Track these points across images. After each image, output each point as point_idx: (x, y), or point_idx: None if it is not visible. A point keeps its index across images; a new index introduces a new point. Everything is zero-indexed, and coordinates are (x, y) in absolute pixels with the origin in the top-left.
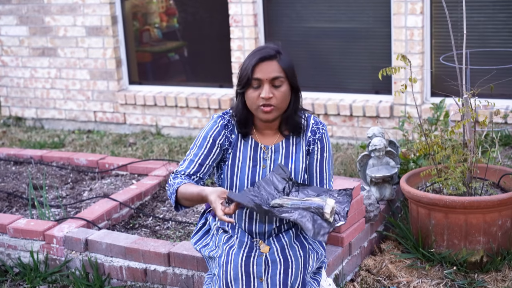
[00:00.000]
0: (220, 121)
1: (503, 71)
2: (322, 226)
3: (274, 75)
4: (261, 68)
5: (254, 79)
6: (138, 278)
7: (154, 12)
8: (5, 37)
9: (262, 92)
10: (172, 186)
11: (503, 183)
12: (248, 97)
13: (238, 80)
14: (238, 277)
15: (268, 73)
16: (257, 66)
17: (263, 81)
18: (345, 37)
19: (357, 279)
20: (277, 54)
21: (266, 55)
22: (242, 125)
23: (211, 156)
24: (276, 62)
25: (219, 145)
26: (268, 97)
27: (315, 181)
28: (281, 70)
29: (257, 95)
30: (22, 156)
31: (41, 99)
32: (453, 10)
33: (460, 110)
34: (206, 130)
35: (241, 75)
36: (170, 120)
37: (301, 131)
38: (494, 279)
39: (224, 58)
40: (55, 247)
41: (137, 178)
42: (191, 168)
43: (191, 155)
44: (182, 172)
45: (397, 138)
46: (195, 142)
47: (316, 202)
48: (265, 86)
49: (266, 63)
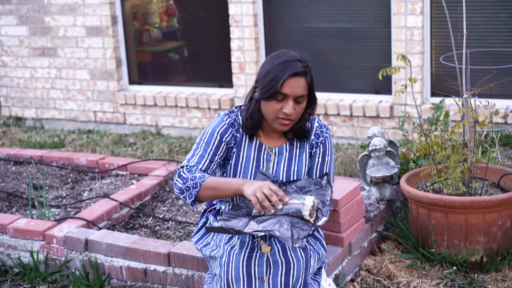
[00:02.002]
0: (227, 119)
1: (503, 71)
2: (302, 229)
3: (301, 92)
4: (290, 83)
5: (281, 93)
6: (138, 278)
7: (154, 12)
8: (5, 37)
9: (285, 107)
10: (192, 180)
11: (503, 183)
12: (269, 107)
13: (262, 87)
14: (240, 278)
15: (296, 90)
16: (287, 81)
17: (289, 97)
18: (345, 37)
19: (357, 279)
20: (306, 70)
21: (298, 71)
22: (251, 127)
23: (218, 153)
24: (304, 79)
25: (225, 143)
26: (291, 113)
27: None
28: (307, 87)
29: (279, 108)
30: (22, 156)
31: (41, 99)
32: (453, 10)
33: (460, 110)
34: (213, 126)
35: (266, 83)
36: (170, 120)
37: (306, 136)
38: (494, 279)
39: (224, 58)
40: (55, 247)
41: (137, 178)
42: (203, 164)
43: (200, 150)
44: (195, 167)
45: (397, 138)
46: (202, 137)
47: (294, 206)
48: (289, 102)
49: (295, 79)
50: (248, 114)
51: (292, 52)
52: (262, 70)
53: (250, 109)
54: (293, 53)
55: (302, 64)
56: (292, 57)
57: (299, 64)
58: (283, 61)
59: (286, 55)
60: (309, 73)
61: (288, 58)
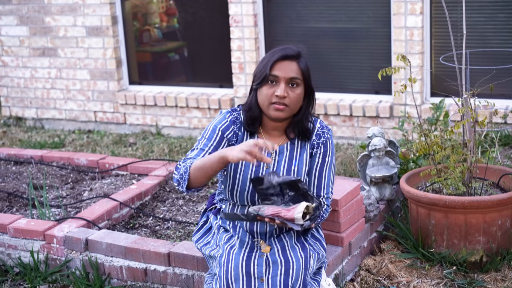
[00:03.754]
0: (229, 116)
1: (503, 71)
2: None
3: (292, 75)
4: (280, 66)
5: (272, 75)
6: (138, 278)
7: (154, 12)
8: (5, 37)
9: (277, 90)
10: (183, 167)
11: (502, 183)
12: (262, 93)
13: (255, 75)
14: (239, 277)
15: (287, 72)
16: (276, 63)
17: (280, 79)
18: (345, 37)
19: (357, 279)
20: (299, 56)
21: (288, 54)
22: (252, 122)
23: (219, 148)
24: (296, 63)
25: (227, 139)
26: (283, 95)
27: (313, 185)
28: (300, 72)
29: (271, 92)
30: (22, 156)
31: (41, 99)
32: (453, 10)
33: (460, 110)
34: (214, 123)
35: (259, 70)
36: (170, 120)
37: (308, 136)
38: (494, 279)
39: (224, 58)
40: (55, 247)
41: (137, 178)
42: (201, 156)
43: (200, 144)
44: (192, 159)
45: (397, 138)
46: (204, 134)
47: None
48: (281, 84)
49: (286, 62)
50: (247, 106)
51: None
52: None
53: (248, 101)
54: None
55: (295, 50)
56: (286, 46)
57: (290, 49)
58: (276, 49)
59: (282, 46)
60: (302, 59)
61: (282, 46)
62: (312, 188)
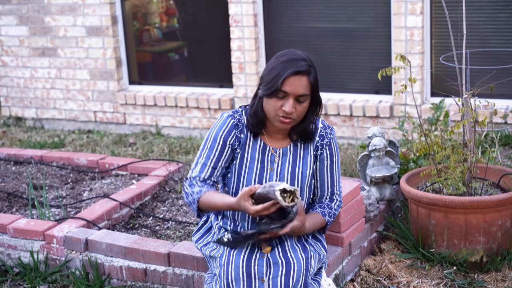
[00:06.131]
0: (230, 120)
1: (503, 71)
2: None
3: (302, 92)
4: (291, 82)
5: (282, 91)
6: (138, 278)
7: (154, 12)
8: (5, 37)
9: (285, 105)
10: (191, 196)
11: (503, 183)
12: (269, 104)
13: (265, 84)
14: (239, 278)
15: (297, 89)
16: (288, 78)
17: (290, 95)
18: (345, 37)
19: (357, 279)
20: (310, 69)
21: (300, 70)
22: (256, 125)
23: (223, 157)
24: (306, 78)
25: (229, 146)
26: (291, 112)
27: (326, 185)
28: (309, 87)
29: (279, 106)
30: (22, 156)
31: (41, 99)
32: (453, 10)
33: (460, 110)
34: (215, 130)
35: (269, 80)
36: (170, 120)
37: (311, 138)
38: (494, 279)
39: (224, 58)
40: (55, 247)
41: (137, 178)
42: (205, 172)
43: (202, 158)
44: (197, 178)
45: (397, 138)
46: (206, 143)
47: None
48: (289, 100)
49: (297, 78)
50: (252, 111)
51: (299, 51)
52: (267, 67)
53: (254, 106)
54: (299, 52)
55: (306, 63)
56: (297, 56)
57: (302, 63)
58: (288, 59)
59: (292, 53)
60: (313, 73)
61: (293, 56)
62: (326, 188)
